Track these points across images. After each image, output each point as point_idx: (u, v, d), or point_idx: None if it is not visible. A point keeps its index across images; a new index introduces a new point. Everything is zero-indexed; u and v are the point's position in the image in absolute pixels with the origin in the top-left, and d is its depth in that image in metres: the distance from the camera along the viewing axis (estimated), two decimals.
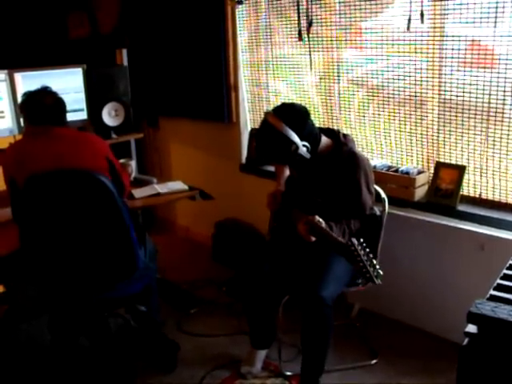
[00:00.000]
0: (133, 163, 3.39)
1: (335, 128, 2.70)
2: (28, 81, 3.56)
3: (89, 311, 2.80)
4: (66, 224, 2.47)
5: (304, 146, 2.44)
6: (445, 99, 2.86)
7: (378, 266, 2.12)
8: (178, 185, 3.29)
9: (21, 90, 3.47)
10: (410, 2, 2.70)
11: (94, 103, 3.79)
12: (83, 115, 3.80)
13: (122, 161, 3.25)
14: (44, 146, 2.58)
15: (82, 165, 2.55)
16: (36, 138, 2.62)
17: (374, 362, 2.86)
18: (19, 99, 2.84)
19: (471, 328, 1.56)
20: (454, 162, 2.91)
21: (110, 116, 3.83)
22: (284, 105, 2.54)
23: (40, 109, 2.64)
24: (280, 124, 2.40)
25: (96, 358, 2.88)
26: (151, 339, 2.95)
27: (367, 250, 2.11)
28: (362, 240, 2.12)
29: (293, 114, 2.45)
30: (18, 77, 3.57)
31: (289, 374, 2.79)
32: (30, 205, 2.44)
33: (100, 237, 2.51)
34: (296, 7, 3.18)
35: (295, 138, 2.41)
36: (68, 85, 3.71)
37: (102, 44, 4.44)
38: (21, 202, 2.46)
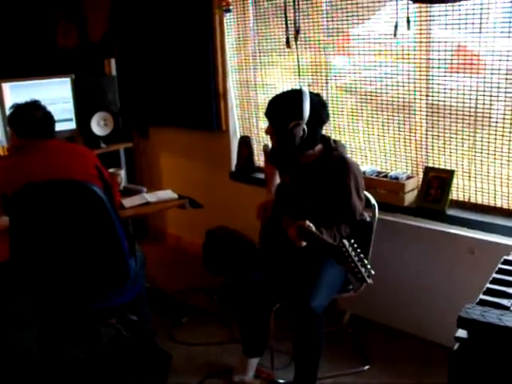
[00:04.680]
0: (122, 173, 3.39)
1: (325, 134, 2.71)
2: (16, 91, 3.55)
3: (80, 322, 2.78)
4: (58, 234, 2.46)
5: (303, 130, 2.45)
6: (432, 104, 2.88)
7: (369, 266, 2.12)
8: (167, 194, 3.28)
9: (9, 100, 3.47)
10: (397, 9, 2.71)
11: (83, 113, 3.78)
12: (72, 125, 3.79)
13: (111, 170, 3.25)
14: (33, 159, 2.57)
15: (72, 175, 2.55)
16: (24, 152, 2.62)
17: (367, 367, 2.86)
18: (7, 110, 2.82)
19: (461, 333, 1.57)
20: (442, 166, 2.92)
21: (98, 125, 3.82)
22: (320, 95, 2.63)
23: (29, 123, 2.64)
24: (306, 97, 2.45)
25: (87, 369, 2.86)
26: (143, 349, 2.93)
27: (358, 250, 2.12)
28: (352, 241, 2.13)
29: (320, 105, 2.52)
30: (6, 87, 3.56)
31: (281, 381, 2.78)
32: (22, 215, 2.43)
33: (92, 246, 2.50)
34: (283, 15, 3.19)
35: (305, 115, 2.43)
36: (56, 95, 3.71)
37: (90, 53, 4.44)
38: (12, 213, 2.45)
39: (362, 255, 2.12)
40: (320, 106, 2.51)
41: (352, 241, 2.13)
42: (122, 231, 2.49)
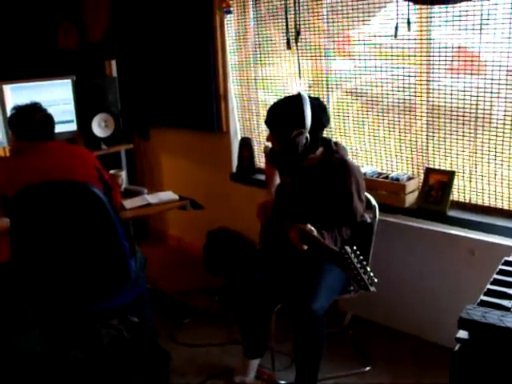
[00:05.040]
0: (123, 174, 3.39)
1: (326, 136, 2.71)
2: (17, 93, 3.55)
3: (82, 323, 2.78)
4: (58, 235, 2.47)
5: (306, 138, 2.45)
6: (433, 105, 2.88)
7: (372, 274, 2.12)
8: (168, 195, 3.29)
9: (10, 101, 3.47)
10: (397, 10, 2.72)
11: (84, 114, 3.79)
12: (73, 126, 3.79)
13: (112, 172, 3.25)
14: (32, 160, 2.58)
15: (72, 176, 2.56)
16: (24, 154, 2.63)
17: (368, 369, 2.86)
18: (8, 111, 2.83)
19: (462, 334, 1.57)
20: (443, 167, 2.92)
21: (99, 127, 3.83)
22: (319, 99, 2.59)
23: (28, 124, 2.65)
24: (307, 104, 2.43)
25: (89, 370, 2.86)
26: (144, 350, 2.93)
27: (361, 257, 2.11)
28: (355, 248, 2.12)
29: (321, 109, 2.50)
30: (7, 89, 3.56)
31: (282, 382, 2.78)
32: (22, 217, 2.43)
33: (93, 248, 2.50)
34: (284, 16, 3.20)
35: (308, 123, 2.42)
36: (57, 96, 3.71)
37: (91, 55, 4.44)
38: (12, 214, 2.45)
39: (364, 262, 2.11)
40: (320, 111, 2.50)
41: (354, 247, 2.12)
42: (122, 232, 2.50)
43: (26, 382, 2.85)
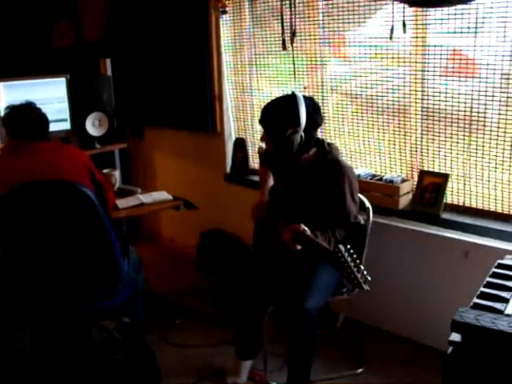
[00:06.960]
0: (117, 173, 3.38)
1: (320, 137, 2.71)
2: (11, 90, 3.54)
3: (72, 323, 2.77)
4: (47, 235, 2.45)
5: (300, 136, 2.45)
6: (427, 108, 2.88)
7: (365, 272, 2.12)
8: (162, 195, 3.27)
9: (3, 99, 3.45)
10: (393, 12, 2.71)
11: (78, 113, 3.77)
12: (66, 125, 3.78)
13: (105, 171, 3.24)
14: (24, 160, 2.57)
15: (63, 175, 2.54)
16: (17, 154, 2.61)
17: (360, 371, 2.85)
18: (2, 110, 2.82)
19: (455, 336, 1.57)
20: (437, 170, 2.93)
21: (93, 126, 3.81)
22: (313, 98, 2.59)
23: (23, 123, 2.64)
24: (301, 102, 2.44)
25: (79, 371, 2.85)
26: (135, 350, 2.92)
27: (354, 256, 2.11)
28: (348, 246, 2.12)
29: (314, 108, 2.50)
30: (1, 86, 3.55)
31: None
32: (11, 216, 2.42)
33: (83, 247, 2.49)
34: (280, 17, 3.19)
35: (302, 121, 2.43)
36: (51, 94, 3.69)
37: (86, 53, 4.43)
38: (2, 213, 2.44)
39: (358, 261, 2.11)
40: (314, 110, 2.51)
41: (348, 246, 2.12)
42: (112, 232, 2.48)
43: (17, 382, 2.83)
